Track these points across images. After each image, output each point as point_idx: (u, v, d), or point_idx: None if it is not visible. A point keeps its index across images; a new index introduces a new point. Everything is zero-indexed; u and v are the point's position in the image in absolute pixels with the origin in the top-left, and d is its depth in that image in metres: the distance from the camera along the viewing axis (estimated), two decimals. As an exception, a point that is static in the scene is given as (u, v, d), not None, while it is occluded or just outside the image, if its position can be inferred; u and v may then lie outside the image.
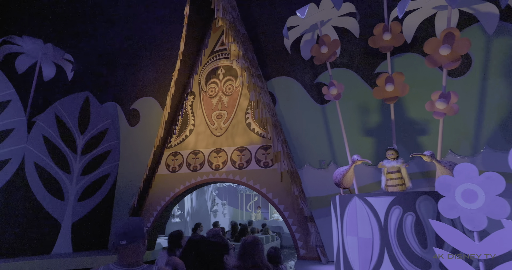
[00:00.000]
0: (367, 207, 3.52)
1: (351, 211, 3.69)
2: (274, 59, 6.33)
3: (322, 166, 5.44)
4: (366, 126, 5.31)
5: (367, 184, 5.04)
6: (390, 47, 4.69)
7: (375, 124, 5.26)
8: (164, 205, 6.26)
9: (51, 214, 5.73)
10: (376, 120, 5.28)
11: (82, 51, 7.87)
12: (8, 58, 6.61)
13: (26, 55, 6.61)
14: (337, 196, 3.97)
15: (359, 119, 5.35)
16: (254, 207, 14.22)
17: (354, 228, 3.61)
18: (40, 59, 6.50)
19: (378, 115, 5.28)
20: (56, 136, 5.98)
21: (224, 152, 6.09)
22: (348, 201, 3.75)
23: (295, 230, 5.33)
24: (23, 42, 6.21)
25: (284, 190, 5.45)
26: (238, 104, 6.25)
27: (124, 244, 1.61)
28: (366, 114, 5.36)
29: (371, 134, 5.25)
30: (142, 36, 7.81)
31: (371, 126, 5.28)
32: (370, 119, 5.31)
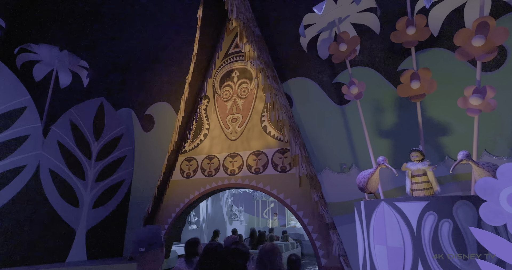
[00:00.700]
0: (396, 213, 3.22)
1: (378, 218, 3.39)
2: (290, 60, 6.13)
3: (343, 169, 5.14)
4: (389, 126, 5.00)
5: (390, 189, 4.71)
6: (414, 42, 4.39)
7: (398, 125, 4.95)
8: (179, 211, 6.09)
9: (66, 221, 5.66)
10: (399, 120, 4.96)
11: (97, 57, 7.90)
12: (25, 66, 6.70)
13: (43, 63, 6.68)
14: (362, 202, 3.68)
15: (381, 120, 5.05)
16: (271, 214, 13.89)
17: (382, 237, 3.31)
18: (56, 66, 6.54)
19: (401, 115, 4.96)
20: (71, 142, 5.95)
21: (239, 157, 5.89)
22: (374, 207, 3.46)
23: (315, 238, 5.03)
24: (39, 50, 6.26)
25: (303, 195, 5.18)
26: (253, 107, 6.06)
27: (143, 251, 1.63)
28: (389, 114, 5.05)
29: (395, 135, 4.94)
30: (156, 42, 7.78)
31: (394, 127, 4.97)
32: (393, 119, 5.00)
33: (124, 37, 8.09)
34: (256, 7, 6.71)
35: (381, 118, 5.05)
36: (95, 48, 8.10)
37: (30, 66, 6.72)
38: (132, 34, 8.04)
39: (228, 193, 12.14)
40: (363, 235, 3.66)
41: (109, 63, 7.92)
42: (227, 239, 4.08)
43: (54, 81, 6.55)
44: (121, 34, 8.12)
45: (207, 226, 10.83)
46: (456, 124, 4.49)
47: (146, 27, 7.98)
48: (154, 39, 7.82)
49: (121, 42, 8.07)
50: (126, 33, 8.07)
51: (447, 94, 4.45)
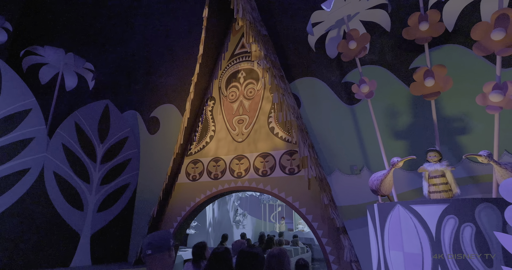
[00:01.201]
0: (413, 216, 3.03)
1: (393, 222, 3.21)
2: (297, 59, 5.99)
3: (354, 171, 4.96)
4: (401, 127, 4.81)
5: (404, 191, 4.51)
6: (427, 38, 4.22)
7: (412, 125, 4.76)
8: (184, 215, 5.96)
9: (70, 225, 5.56)
10: (413, 120, 4.77)
11: (102, 60, 7.87)
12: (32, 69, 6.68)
13: (49, 66, 6.65)
14: (375, 205, 3.50)
15: (393, 120, 4.86)
16: (278, 218, 13.68)
17: (398, 242, 3.12)
18: (62, 69, 6.50)
19: (415, 115, 4.77)
20: (76, 145, 5.88)
21: (246, 159, 5.74)
22: (389, 210, 3.27)
23: (325, 242, 4.84)
24: (45, 52, 6.22)
25: (312, 198, 5.01)
26: (260, 108, 5.92)
27: (150, 254, 1.67)
28: (401, 113, 4.86)
29: (408, 135, 4.74)
30: (162, 43, 7.73)
31: (407, 127, 4.78)
32: (406, 119, 4.81)
33: (130, 39, 8.05)
34: (262, 7, 6.61)
35: (394, 118, 4.86)
36: (101, 50, 8.08)
37: (36, 69, 6.71)
38: (138, 36, 8.00)
39: (235, 196, 11.98)
40: (376, 240, 3.48)
41: (114, 66, 7.88)
42: (235, 243, 3.94)
43: (59, 83, 6.51)
44: (127, 36, 8.09)
45: (214, 230, 10.68)
46: (474, 123, 4.29)
47: (151, 29, 7.93)
48: (159, 41, 7.76)
49: (127, 45, 8.03)
50: (132, 35, 8.03)
51: (463, 91, 4.26)
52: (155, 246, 1.69)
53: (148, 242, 1.72)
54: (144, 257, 1.71)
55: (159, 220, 6.14)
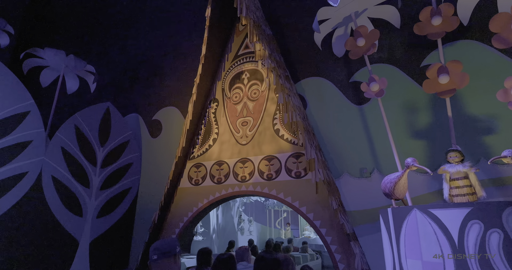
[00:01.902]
0: (432, 222, 2.79)
1: (410, 228, 2.96)
2: (303, 59, 5.80)
3: (364, 174, 4.72)
4: (414, 127, 4.57)
5: (419, 195, 4.26)
6: (441, 33, 4.00)
7: (424, 125, 4.52)
8: (187, 221, 5.73)
9: (69, 231, 5.36)
10: (425, 120, 4.54)
11: (105, 63, 7.76)
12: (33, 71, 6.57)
13: (50, 68, 6.53)
14: (390, 209, 3.25)
15: (405, 120, 4.64)
16: (283, 224, 13.37)
17: (416, 250, 2.86)
18: (63, 71, 6.38)
19: (427, 114, 4.54)
20: (75, 148, 5.71)
21: (250, 162, 5.53)
22: (405, 215, 3.03)
23: (334, 250, 4.58)
24: (45, 54, 6.10)
25: (320, 203, 4.76)
26: (265, 109, 5.72)
27: (155, 259, 1.70)
28: (413, 113, 4.63)
29: (422, 136, 4.50)
30: (165, 45, 7.60)
31: (419, 127, 4.54)
32: (418, 118, 4.58)
33: (132, 42, 7.95)
34: (266, 6, 6.45)
35: (405, 118, 4.64)
36: (103, 53, 7.98)
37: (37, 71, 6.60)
38: (140, 38, 7.90)
39: (239, 202, 11.73)
40: (391, 248, 3.22)
41: (116, 68, 7.76)
42: (239, 249, 3.80)
43: (60, 86, 6.39)
44: (130, 39, 7.99)
45: (218, 237, 10.42)
46: (492, 122, 4.04)
47: (154, 31, 7.83)
48: (162, 43, 7.64)
49: (130, 47, 7.93)
50: (135, 37, 7.93)
51: (480, 88, 4.03)
52: (162, 252, 1.71)
53: (155, 247, 1.75)
54: (150, 262, 1.73)
55: (161, 226, 5.92)
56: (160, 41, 7.68)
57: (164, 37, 7.69)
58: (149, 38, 7.83)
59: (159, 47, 7.63)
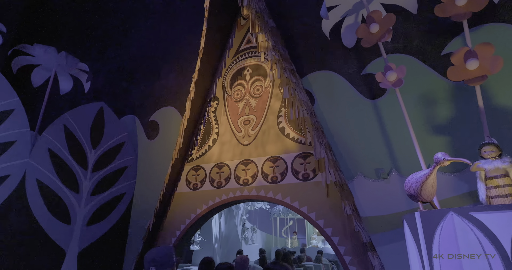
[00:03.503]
0: (475, 228, 2.27)
1: (446, 236, 2.44)
2: (310, 52, 5.36)
3: (381, 176, 4.20)
4: (435, 121, 4.07)
5: (445, 198, 3.73)
6: (467, 13, 3.54)
7: (447, 118, 4.02)
8: (184, 229, 5.23)
9: (54, 240, 4.89)
10: (448, 113, 4.04)
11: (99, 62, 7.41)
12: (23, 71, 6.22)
13: (41, 67, 6.17)
14: (417, 213, 2.74)
15: (425, 114, 4.14)
16: (290, 233, 12.76)
17: (455, 263, 2.34)
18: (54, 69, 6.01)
19: (450, 107, 4.04)
20: (64, 150, 5.28)
21: (253, 164, 5.05)
22: (438, 221, 2.51)
23: (349, 261, 4.03)
24: (35, 51, 5.75)
25: (332, 208, 4.24)
26: (269, 107, 5.26)
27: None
28: (434, 106, 4.14)
29: (443, 131, 4.00)
30: (162, 44, 7.24)
31: (442, 121, 4.04)
32: (440, 112, 4.08)
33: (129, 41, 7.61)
34: (269, -2, 6.07)
35: (426, 112, 4.14)
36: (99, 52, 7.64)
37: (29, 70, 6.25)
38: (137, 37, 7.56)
39: (243, 209, 11.19)
40: (421, 260, 2.69)
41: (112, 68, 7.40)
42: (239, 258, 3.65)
43: (53, 86, 6.01)
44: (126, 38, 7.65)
45: (220, 246, 9.87)
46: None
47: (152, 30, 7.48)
48: (160, 42, 7.28)
49: (126, 47, 7.58)
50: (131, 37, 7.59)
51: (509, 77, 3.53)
52: (159, 263, 1.67)
53: (151, 258, 1.70)
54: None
55: (156, 234, 5.43)
56: (158, 39, 7.32)
57: (162, 34, 7.33)
58: (147, 36, 7.48)
59: (156, 45, 7.27)
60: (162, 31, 7.35)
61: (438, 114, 4.05)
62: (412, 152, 3.79)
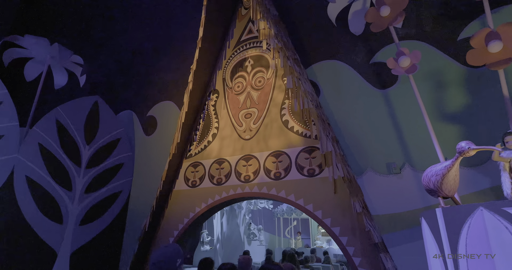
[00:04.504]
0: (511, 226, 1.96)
1: (475, 234, 2.13)
2: (314, 41, 5.06)
3: (393, 170, 3.89)
4: (452, 110, 3.75)
5: (463, 195, 3.41)
6: (489, -9, 3.24)
7: (466, 107, 3.70)
8: (182, 228, 4.95)
9: (45, 240, 4.63)
10: (467, 102, 3.72)
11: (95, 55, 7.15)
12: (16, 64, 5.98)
13: (34, 61, 5.92)
14: (439, 209, 2.43)
15: (441, 103, 3.82)
16: (293, 233, 12.44)
17: (487, 265, 2.03)
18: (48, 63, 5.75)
19: (468, 95, 3.72)
20: (55, 145, 5.02)
21: (255, 159, 4.75)
22: (465, 217, 2.20)
23: (358, 263, 3.72)
24: (25, 42, 5.50)
25: (339, 206, 3.94)
26: (271, 99, 4.97)
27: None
28: (451, 95, 3.82)
29: (460, 121, 3.68)
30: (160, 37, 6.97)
31: (460, 110, 3.72)
32: (457, 100, 3.77)
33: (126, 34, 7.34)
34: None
35: (441, 101, 3.82)
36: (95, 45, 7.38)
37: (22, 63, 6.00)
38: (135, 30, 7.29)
39: (246, 209, 10.88)
40: (443, 262, 2.38)
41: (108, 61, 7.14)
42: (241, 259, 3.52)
43: (46, 79, 5.76)
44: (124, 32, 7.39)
45: (222, 247, 9.57)
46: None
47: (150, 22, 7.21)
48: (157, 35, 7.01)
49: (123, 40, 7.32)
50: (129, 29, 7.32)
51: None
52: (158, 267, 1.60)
53: (153, 262, 1.63)
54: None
55: (153, 234, 5.15)
56: (156, 32, 7.04)
57: (160, 27, 7.05)
58: (145, 29, 7.21)
59: (154, 38, 7.00)
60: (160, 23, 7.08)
61: (455, 103, 3.73)
62: (427, 144, 3.49)
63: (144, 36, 7.08)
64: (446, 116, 3.71)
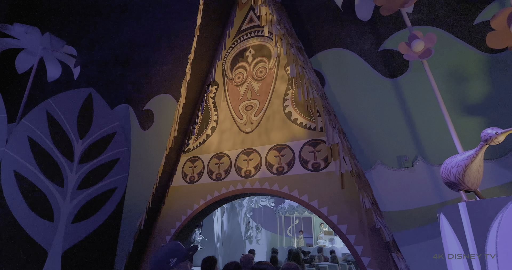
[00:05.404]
0: (552, 222, 1.71)
1: (507, 231, 1.87)
2: (319, 29, 4.80)
3: (404, 164, 3.63)
4: (469, 99, 3.49)
5: (485, 189, 3.15)
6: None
7: (484, 96, 3.44)
8: (179, 226, 4.70)
9: (34, 239, 4.38)
10: (485, 90, 3.46)
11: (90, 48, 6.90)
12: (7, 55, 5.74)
13: (26, 52, 5.68)
14: (462, 204, 2.17)
15: (457, 91, 3.56)
16: (296, 232, 12.19)
17: (523, 267, 1.77)
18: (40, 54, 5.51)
19: (488, 82, 3.46)
20: (46, 139, 4.78)
21: (256, 154, 4.50)
22: (495, 212, 1.95)
23: (368, 264, 3.46)
24: (14, 32, 5.25)
25: (347, 202, 3.68)
26: (273, 90, 4.71)
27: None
28: (467, 83, 3.56)
29: (478, 111, 3.42)
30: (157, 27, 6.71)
31: (477, 99, 3.46)
32: (475, 88, 3.50)
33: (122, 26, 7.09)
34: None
35: (457, 90, 3.56)
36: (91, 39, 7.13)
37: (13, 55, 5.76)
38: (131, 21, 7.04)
39: (247, 207, 10.63)
40: (468, 262, 2.13)
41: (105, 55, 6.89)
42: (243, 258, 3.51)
43: (38, 71, 5.52)
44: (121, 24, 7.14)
45: (223, 246, 9.33)
46: None
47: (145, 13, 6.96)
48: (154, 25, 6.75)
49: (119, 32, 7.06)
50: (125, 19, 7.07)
51: None
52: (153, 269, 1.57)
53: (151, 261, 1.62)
54: None
55: (149, 232, 4.90)
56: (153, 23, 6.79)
57: (157, 18, 6.80)
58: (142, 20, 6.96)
59: (151, 29, 6.74)
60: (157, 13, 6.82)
61: (472, 91, 3.47)
62: (442, 136, 3.24)
63: (141, 27, 6.82)
64: (463, 105, 3.45)
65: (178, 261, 1.66)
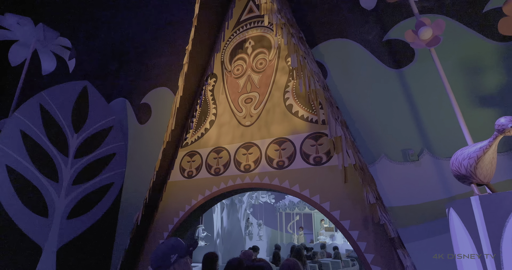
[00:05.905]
0: None
1: (525, 228, 1.74)
2: (321, 18, 4.63)
3: (410, 157, 3.49)
4: (479, 90, 3.35)
5: (496, 182, 3.01)
6: None
7: (495, 86, 3.29)
8: (177, 222, 4.58)
9: (29, 236, 4.26)
10: (496, 81, 3.31)
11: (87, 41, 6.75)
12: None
13: (19, 44, 5.51)
14: (475, 198, 2.04)
15: (466, 82, 3.41)
16: (296, 228, 12.10)
17: (544, 266, 1.64)
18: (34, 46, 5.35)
19: (499, 72, 3.31)
20: (40, 133, 4.64)
21: (256, 147, 4.36)
22: (510, 208, 1.81)
23: (371, 260, 3.34)
24: (6, 22, 5.08)
25: (349, 197, 3.55)
26: (274, 82, 4.56)
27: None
28: (478, 72, 3.41)
29: (489, 102, 3.27)
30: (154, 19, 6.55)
31: (488, 90, 3.31)
32: (485, 79, 3.36)
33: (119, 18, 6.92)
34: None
35: (466, 81, 3.41)
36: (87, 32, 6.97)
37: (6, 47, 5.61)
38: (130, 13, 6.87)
39: (247, 203, 10.53)
40: (481, 260, 2.00)
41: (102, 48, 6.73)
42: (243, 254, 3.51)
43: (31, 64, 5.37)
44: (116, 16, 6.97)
45: (223, 242, 9.23)
46: None
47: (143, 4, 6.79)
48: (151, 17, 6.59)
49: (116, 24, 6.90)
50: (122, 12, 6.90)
51: None
52: (156, 266, 1.56)
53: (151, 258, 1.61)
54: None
55: (146, 229, 4.78)
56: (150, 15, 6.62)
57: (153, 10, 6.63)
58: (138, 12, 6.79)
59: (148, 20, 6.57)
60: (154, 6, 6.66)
61: (482, 82, 3.32)
62: (449, 128, 3.10)
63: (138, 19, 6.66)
64: (474, 96, 3.30)
65: (179, 257, 1.66)
